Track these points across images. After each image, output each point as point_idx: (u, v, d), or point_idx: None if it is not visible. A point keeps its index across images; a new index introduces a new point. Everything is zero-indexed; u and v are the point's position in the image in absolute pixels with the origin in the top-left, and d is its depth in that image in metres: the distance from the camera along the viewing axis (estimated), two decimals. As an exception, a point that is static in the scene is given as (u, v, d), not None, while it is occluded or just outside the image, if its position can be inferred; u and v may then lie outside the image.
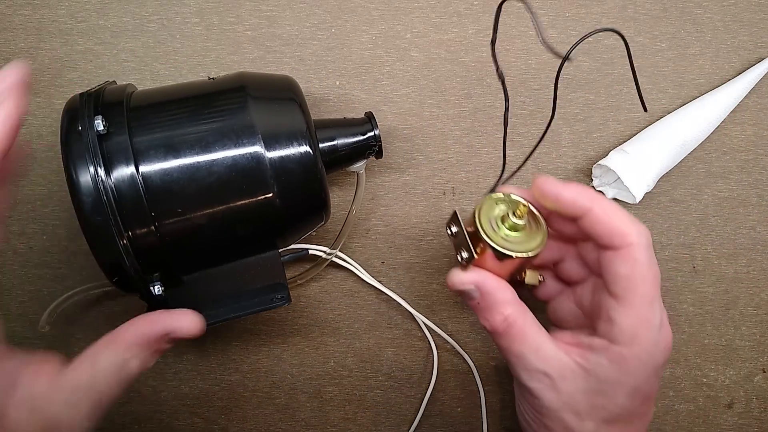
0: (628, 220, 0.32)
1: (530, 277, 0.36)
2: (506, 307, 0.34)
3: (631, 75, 0.45)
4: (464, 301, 0.34)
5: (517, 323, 0.34)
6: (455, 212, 0.35)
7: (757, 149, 0.45)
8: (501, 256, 0.33)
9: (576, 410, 0.33)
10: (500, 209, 0.35)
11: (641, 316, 0.32)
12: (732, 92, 0.43)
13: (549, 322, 0.39)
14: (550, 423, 0.34)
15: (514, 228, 0.34)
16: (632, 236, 0.32)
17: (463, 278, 0.34)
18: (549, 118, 0.35)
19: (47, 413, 0.29)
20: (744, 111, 0.44)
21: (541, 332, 0.34)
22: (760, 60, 0.44)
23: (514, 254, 0.33)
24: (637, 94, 0.35)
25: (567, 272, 0.38)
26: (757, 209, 0.45)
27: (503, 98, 0.34)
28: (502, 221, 0.34)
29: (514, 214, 0.33)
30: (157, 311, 0.34)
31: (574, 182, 0.33)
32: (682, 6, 0.44)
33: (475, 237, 0.33)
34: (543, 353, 0.33)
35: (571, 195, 0.33)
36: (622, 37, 0.31)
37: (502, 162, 0.36)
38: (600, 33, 0.44)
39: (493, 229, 0.34)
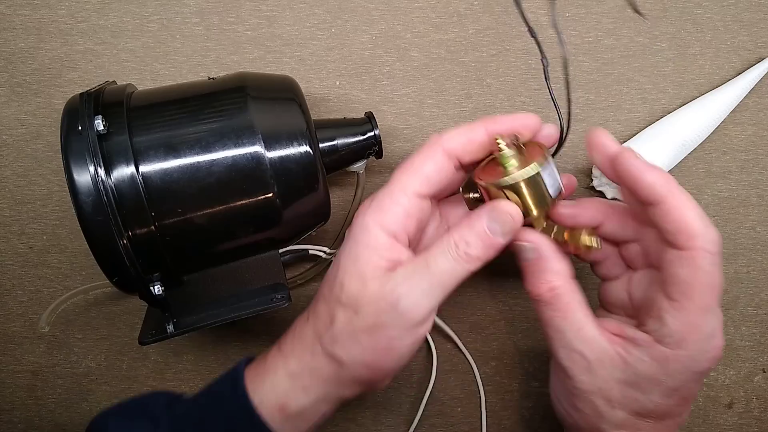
0: (700, 221, 0.31)
1: (586, 239, 0.34)
2: (557, 277, 0.33)
3: (632, 75, 0.45)
4: (518, 257, 0.34)
5: (564, 297, 0.33)
6: (468, 179, 0.35)
7: (757, 149, 0.45)
8: (501, 188, 0.33)
9: (608, 397, 0.33)
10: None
11: (693, 323, 0.31)
12: (732, 92, 0.43)
13: (598, 302, 0.39)
14: (581, 404, 0.34)
15: (507, 163, 0.33)
16: (700, 240, 0.30)
17: (526, 234, 0.33)
18: (560, 126, 0.35)
19: (393, 283, 0.32)
20: (744, 111, 0.44)
21: (586, 313, 0.33)
22: (760, 60, 0.44)
23: (509, 180, 0.32)
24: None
25: (630, 254, 0.36)
26: (757, 209, 0.45)
27: (501, 99, 0.34)
28: (496, 165, 0.33)
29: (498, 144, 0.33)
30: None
31: (656, 166, 0.32)
32: (682, 6, 0.44)
33: (483, 189, 0.34)
34: (584, 334, 0.33)
35: (650, 179, 0.31)
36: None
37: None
38: (600, 33, 0.44)
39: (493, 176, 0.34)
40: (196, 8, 0.44)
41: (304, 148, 0.34)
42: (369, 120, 0.39)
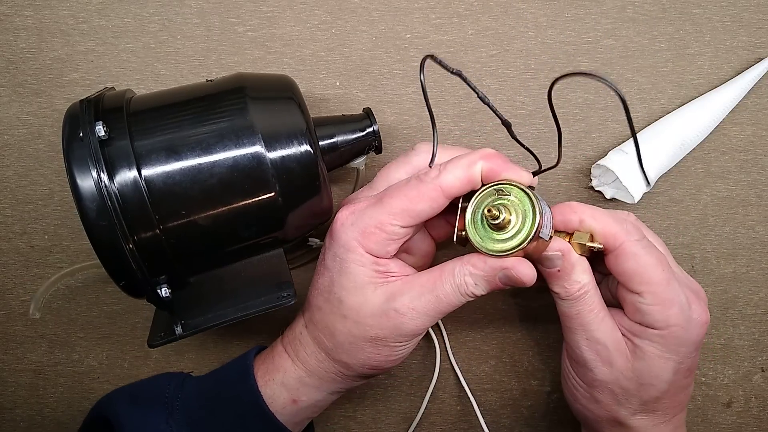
0: (611, 221, 0.35)
1: (591, 243, 0.35)
2: (584, 275, 0.35)
3: (631, 76, 0.45)
4: (543, 268, 0.35)
5: (591, 292, 0.35)
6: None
7: (756, 149, 0.45)
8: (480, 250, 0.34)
9: (625, 386, 0.35)
10: (489, 201, 0.34)
11: (666, 299, 0.34)
12: (731, 93, 0.43)
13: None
14: (600, 395, 0.36)
15: (493, 226, 0.33)
16: (621, 234, 0.34)
17: (553, 245, 0.35)
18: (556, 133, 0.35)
19: (399, 304, 0.34)
20: (743, 111, 0.44)
21: (605, 308, 0.36)
22: (759, 60, 0.44)
23: (484, 251, 0.33)
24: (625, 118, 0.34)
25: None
26: (755, 209, 0.45)
27: (501, 99, 0.33)
28: (485, 215, 0.33)
29: (490, 212, 0.32)
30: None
31: (561, 204, 0.36)
32: (681, 6, 0.44)
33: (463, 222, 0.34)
34: (605, 326, 0.35)
35: (559, 217, 0.35)
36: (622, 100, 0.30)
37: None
38: (599, 33, 0.45)
39: (480, 217, 0.34)
40: (196, 9, 0.44)
41: (305, 147, 0.34)
42: (368, 116, 0.39)
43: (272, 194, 0.34)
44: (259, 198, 0.34)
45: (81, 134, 0.32)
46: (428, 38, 0.44)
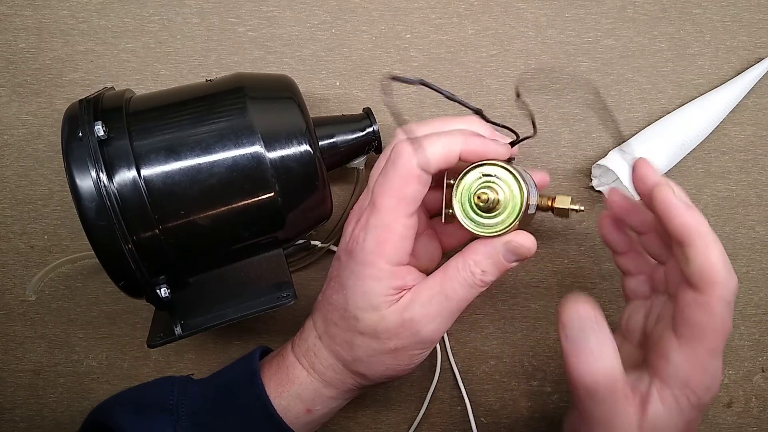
0: (723, 268, 0.30)
1: (571, 205, 0.35)
2: (612, 359, 0.30)
3: (631, 76, 0.45)
4: (562, 337, 0.31)
5: (619, 383, 0.30)
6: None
7: (756, 149, 0.45)
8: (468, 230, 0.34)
9: None
10: (478, 183, 0.34)
11: (700, 364, 0.31)
12: (731, 93, 0.43)
13: (617, 327, 0.38)
14: None
15: (483, 209, 0.33)
16: (720, 288, 0.30)
17: (583, 303, 0.31)
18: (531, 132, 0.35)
19: (412, 313, 0.34)
20: (743, 111, 0.44)
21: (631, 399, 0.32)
22: (759, 60, 0.44)
23: (474, 231, 0.33)
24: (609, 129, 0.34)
25: (655, 277, 0.36)
26: (756, 209, 0.45)
27: (501, 99, 0.34)
28: (473, 197, 0.33)
29: (479, 198, 0.33)
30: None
31: (691, 205, 0.32)
32: (681, 6, 0.44)
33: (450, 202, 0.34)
34: (626, 421, 0.31)
35: (682, 221, 0.31)
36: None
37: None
38: (599, 33, 0.44)
39: (468, 201, 0.34)
40: (196, 9, 0.44)
41: (304, 147, 0.34)
42: (367, 116, 0.39)
43: (272, 194, 0.34)
44: (259, 198, 0.34)
45: (80, 134, 0.32)
46: (428, 38, 0.44)
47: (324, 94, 0.45)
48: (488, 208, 0.33)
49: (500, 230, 0.33)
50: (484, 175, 0.34)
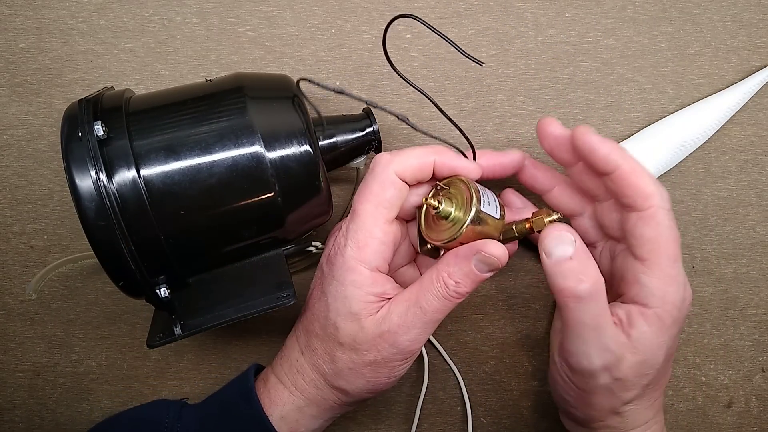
0: (652, 182, 0.33)
1: (549, 218, 0.35)
2: (596, 272, 0.33)
3: (631, 76, 0.45)
4: (548, 259, 0.33)
5: (602, 292, 0.33)
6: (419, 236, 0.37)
7: (757, 149, 0.45)
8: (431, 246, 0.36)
9: (624, 384, 0.34)
10: (432, 192, 0.36)
11: (669, 275, 0.33)
12: (733, 97, 0.43)
13: None
14: (596, 398, 0.35)
15: (438, 217, 0.35)
16: (656, 198, 0.33)
17: (562, 228, 0.33)
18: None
19: (389, 324, 0.34)
20: (743, 111, 0.44)
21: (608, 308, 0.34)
22: (759, 60, 0.44)
23: (432, 243, 0.36)
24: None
25: (584, 229, 0.39)
26: (756, 209, 0.45)
27: (501, 99, 0.34)
28: (428, 209, 0.36)
29: (430, 204, 0.35)
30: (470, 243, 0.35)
31: (608, 139, 0.34)
32: (681, 6, 0.44)
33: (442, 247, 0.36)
34: (612, 329, 0.33)
35: (605, 150, 0.33)
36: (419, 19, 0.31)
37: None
38: (599, 33, 0.44)
39: (430, 220, 0.36)
40: (196, 8, 0.44)
41: (304, 147, 0.34)
42: (368, 116, 0.39)
43: (272, 194, 0.34)
44: (259, 198, 0.34)
45: (80, 134, 0.32)
46: (428, 38, 0.44)
47: (324, 94, 0.45)
48: (441, 215, 0.35)
49: (454, 234, 0.34)
50: (441, 187, 0.36)
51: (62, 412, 0.46)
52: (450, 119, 0.35)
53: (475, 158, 0.38)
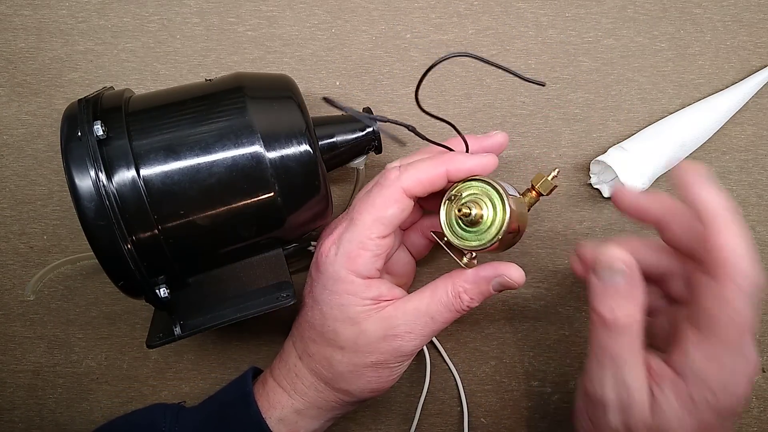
0: (742, 254, 0.29)
1: (551, 181, 0.36)
2: (638, 306, 0.31)
3: (631, 75, 0.45)
4: (595, 280, 0.31)
5: (637, 328, 0.31)
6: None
7: (757, 149, 0.45)
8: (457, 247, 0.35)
9: None
10: (464, 198, 0.35)
11: (715, 357, 0.29)
12: (733, 97, 0.43)
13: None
14: None
15: (469, 223, 0.34)
16: (735, 272, 0.28)
17: (616, 253, 0.31)
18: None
19: (396, 330, 0.34)
20: (744, 111, 0.44)
21: (644, 348, 0.31)
22: (760, 60, 0.44)
23: (469, 250, 0.34)
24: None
25: (673, 290, 0.35)
26: (756, 209, 0.45)
27: (501, 99, 0.34)
28: (457, 217, 0.34)
29: (460, 211, 0.33)
30: (491, 263, 0.35)
31: (715, 186, 0.30)
32: (681, 6, 0.44)
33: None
34: (638, 371, 0.31)
35: (705, 197, 0.30)
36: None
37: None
38: (600, 33, 0.44)
39: (457, 225, 0.35)
40: (196, 8, 0.44)
41: (304, 147, 0.34)
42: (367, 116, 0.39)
43: (271, 194, 0.34)
44: (259, 198, 0.34)
45: (79, 134, 0.32)
46: (428, 38, 0.44)
47: (324, 94, 0.45)
48: (473, 221, 0.34)
49: (492, 238, 0.33)
50: (463, 191, 0.35)
51: (62, 412, 0.46)
52: (459, 131, 0.35)
53: (468, 150, 0.37)
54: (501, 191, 0.33)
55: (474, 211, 0.33)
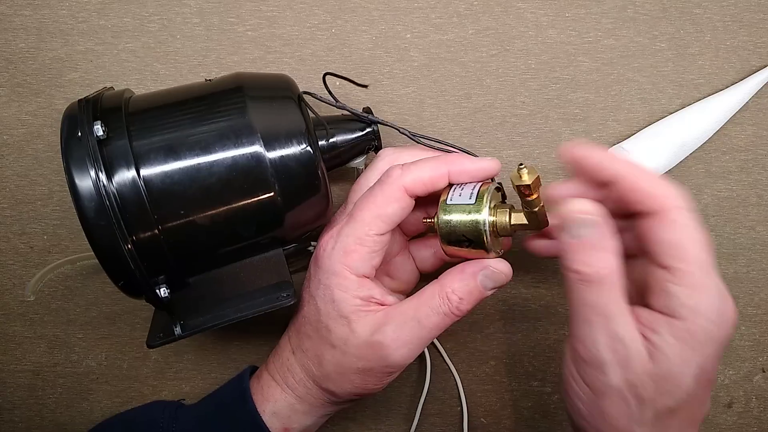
0: (663, 183, 0.30)
1: (520, 174, 0.32)
2: (613, 255, 0.30)
3: (631, 75, 0.45)
4: (563, 235, 0.30)
5: (618, 277, 0.30)
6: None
7: (757, 149, 0.45)
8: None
9: (639, 395, 0.30)
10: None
11: (699, 283, 0.29)
12: (733, 97, 0.43)
13: None
14: (609, 406, 0.30)
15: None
16: (670, 198, 0.30)
17: (582, 204, 0.30)
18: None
19: (383, 335, 0.34)
20: (744, 111, 0.44)
21: (625, 298, 0.30)
22: (760, 60, 0.44)
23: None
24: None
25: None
26: (756, 209, 0.45)
27: (501, 99, 0.34)
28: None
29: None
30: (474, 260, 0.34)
31: (601, 147, 0.32)
32: (681, 6, 0.44)
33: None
34: (628, 320, 0.30)
35: (595, 159, 0.31)
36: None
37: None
38: (600, 33, 0.44)
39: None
40: (196, 8, 0.44)
41: (304, 147, 0.34)
42: (368, 116, 0.39)
43: (271, 194, 0.34)
44: (259, 198, 0.34)
45: (79, 134, 0.32)
46: (428, 38, 0.44)
47: (324, 93, 0.45)
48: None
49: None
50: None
51: (62, 412, 0.46)
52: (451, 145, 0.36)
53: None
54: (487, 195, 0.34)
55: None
